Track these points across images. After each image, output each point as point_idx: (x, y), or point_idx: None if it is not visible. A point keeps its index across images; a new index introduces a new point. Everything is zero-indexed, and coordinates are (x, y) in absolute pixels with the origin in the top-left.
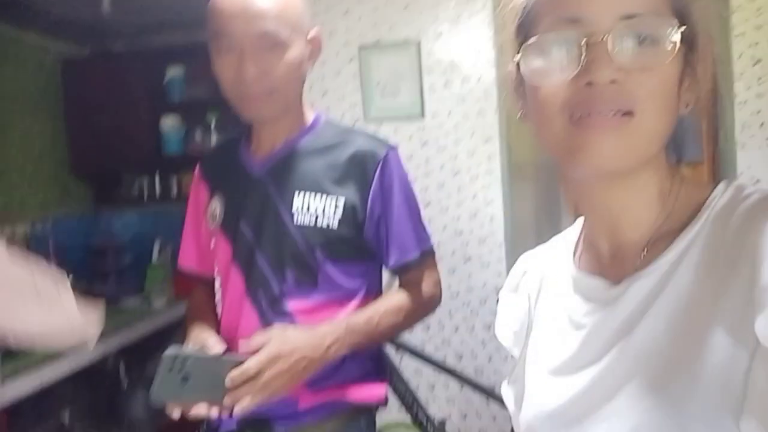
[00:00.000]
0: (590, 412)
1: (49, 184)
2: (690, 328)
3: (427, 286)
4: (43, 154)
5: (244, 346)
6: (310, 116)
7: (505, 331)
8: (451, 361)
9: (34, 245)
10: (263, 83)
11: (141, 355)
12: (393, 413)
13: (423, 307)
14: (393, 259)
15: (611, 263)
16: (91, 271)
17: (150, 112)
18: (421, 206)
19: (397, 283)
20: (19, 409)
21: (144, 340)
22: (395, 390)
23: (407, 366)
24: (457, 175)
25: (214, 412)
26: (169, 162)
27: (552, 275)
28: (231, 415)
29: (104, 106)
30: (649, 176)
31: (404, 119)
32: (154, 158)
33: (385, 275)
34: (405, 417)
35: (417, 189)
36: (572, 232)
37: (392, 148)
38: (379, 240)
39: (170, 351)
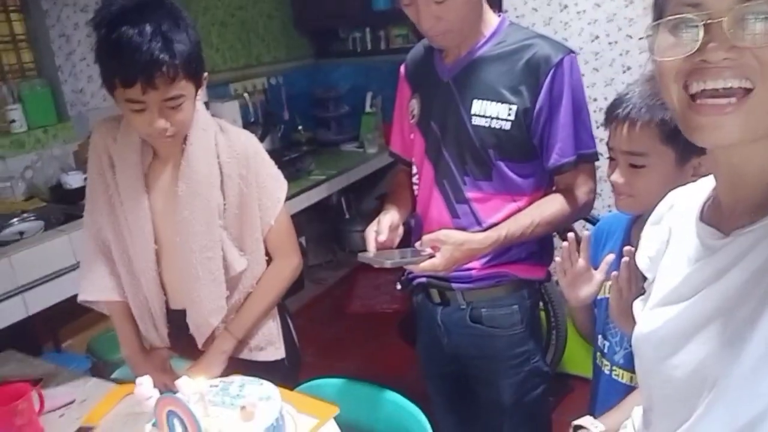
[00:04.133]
0: (669, 345)
1: (278, 42)
2: (760, 292)
3: (581, 193)
4: (272, 14)
5: (426, 239)
6: (494, 22)
7: (643, 256)
8: None
9: (271, 95)
10: (437, 28)
11: (359, 193)
12: None
13: (576, 212)
14: (551, 161)
15: (729, 217)
16: (316, 119)
17: None
18: None
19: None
20: None
21: (360, 180)
22: None
23: None
24: None
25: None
26: (378, 17)
27: (689, 214)
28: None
29: None
30: None
31: None
32: (365, 14)
33: None
34: None
35: None
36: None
37: (569, 53)
38: (542, 142)
39: (363, 257)
